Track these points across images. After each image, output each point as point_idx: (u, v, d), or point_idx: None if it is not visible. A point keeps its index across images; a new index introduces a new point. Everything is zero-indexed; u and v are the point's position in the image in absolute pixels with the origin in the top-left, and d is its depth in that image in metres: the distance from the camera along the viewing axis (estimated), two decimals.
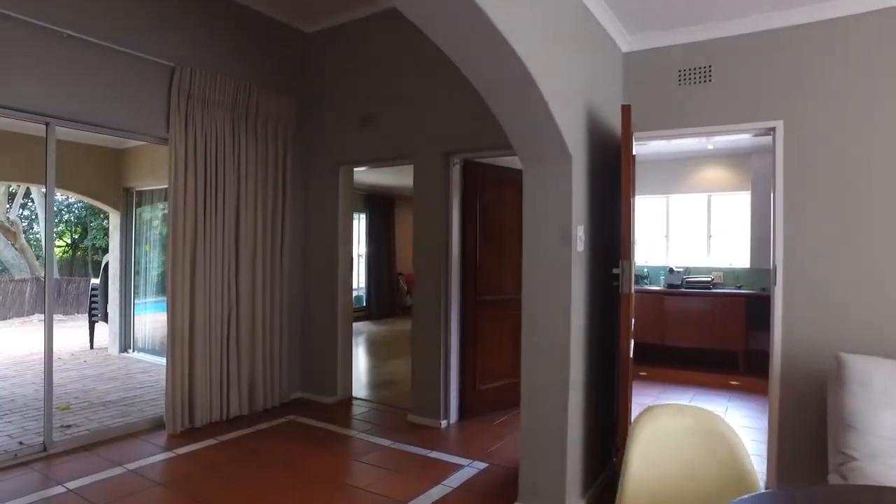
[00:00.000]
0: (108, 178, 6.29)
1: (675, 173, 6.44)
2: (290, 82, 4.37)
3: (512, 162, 4.52)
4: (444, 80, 3.76)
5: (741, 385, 5.10)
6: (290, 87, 4.36)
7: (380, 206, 10.09)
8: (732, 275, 6.09)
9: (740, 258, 6.18)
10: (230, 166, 3.83)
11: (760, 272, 5.97)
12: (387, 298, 10.25)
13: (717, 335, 5.66)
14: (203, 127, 3.65)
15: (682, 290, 5.90)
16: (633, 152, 2.67)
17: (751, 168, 6.05)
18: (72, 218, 16.25)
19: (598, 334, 2.80)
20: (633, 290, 2.50)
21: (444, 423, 3.80)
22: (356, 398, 4.49)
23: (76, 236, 16.55)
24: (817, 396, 2.62)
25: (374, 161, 4.18)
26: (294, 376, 4.42)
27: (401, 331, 8.62)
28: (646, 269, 6.47)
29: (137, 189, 6.37)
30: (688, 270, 6.19)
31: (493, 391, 4.15)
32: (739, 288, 5.91)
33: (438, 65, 3.78)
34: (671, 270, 6.14)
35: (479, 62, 2.07)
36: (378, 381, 5.10)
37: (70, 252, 16.65)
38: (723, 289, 5.90)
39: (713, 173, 6.32)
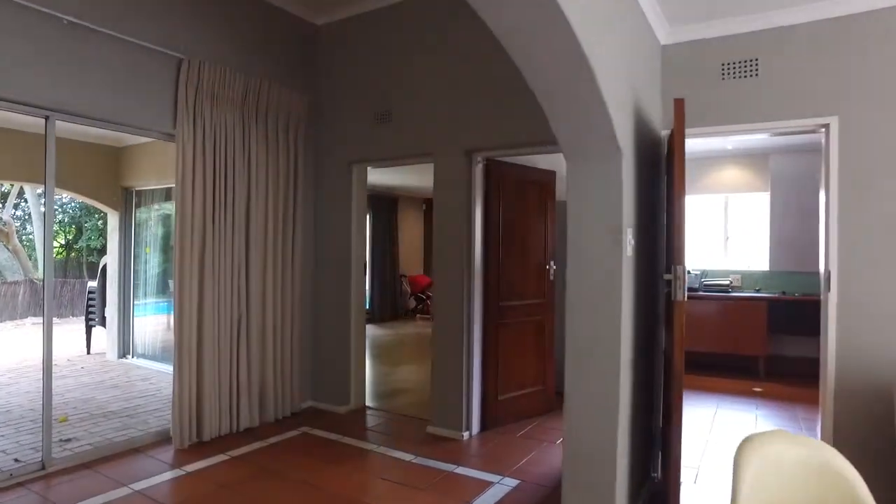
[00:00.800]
0: (106, 177, 6.06)
1: (690, 173, 6.28)
2: (301, 77, 4.18)
3: (533, 161, 4.35)
4: (466, 74, 3.58)
5: (765, 392, 4.94)
6: (301, 82, 4.16)
7: (382, 206, 9.89)
8: (751, 277, 5.94)
9: (758, 260, 6.03)
10: (240, 165, 3.62)
11: (780, 275, 5.82)
12: (390, 301, 10.05)
13: (737, 340, 5.51)
14: (212, 123, 3.45)
15: (700, 293, 5.74)
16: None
17: (769, 168, 5.91)
18: (66, 218, 15.92)
19: (641, 344, 2.63)
20: (685, 298, 2.33)
21: (466, 434, 3.61)
22: (369, 407, 4.29)
23: (70, 237, 16.23)
24: (881, 410, 2.46)
25: (390, 159, 3.99)
26: (305, 385, 4.21)
27: (406, 334, 8.42)
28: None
29: (137, 189, 6.14)
30: (704, 273, 6.04)
31: (515, 400, 3.97)
32: (758, 291, 5.76)
33: (460, 58, 3.60)
34: (687, 273, 5.97)
35: (542, 58, 1.91)
36: (390, 389, 4.91)
37: (64, 253, 16.32)
38: (741, 292, 5.75)
39: (730, 174, 6.17)
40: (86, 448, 3.23)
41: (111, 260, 6.24)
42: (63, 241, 16.32)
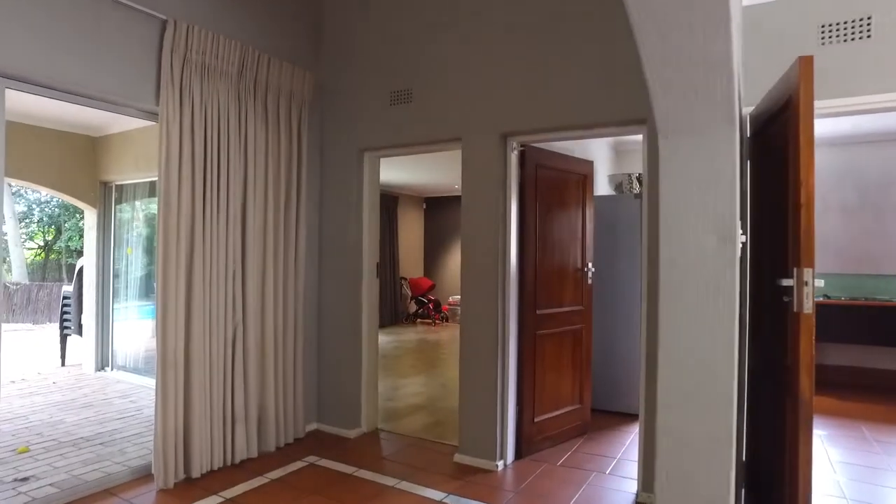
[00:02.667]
0: (82, 170, 5.47)
1: None
2: (306, 50, 3.65)
3: (568, 149, 3.86)
4: (504, 45, 3.08)
5: (815, 406, 4.49)
6: (306, 57, 3.63)
7: (381, 205, 9.35)
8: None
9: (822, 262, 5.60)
10: (235, 152, 3.09)
11: (856, 278, 5.40)
12: (390, 305, 9.51)
13: None
14: (202, 100, 2.91)
15: None
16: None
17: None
18: (44, 217, 15.15)
19: (747, 365, 2.14)
20: (813, 308, 1.84)
21: (500, 464, 3.10)
22: (382, 430, 3.77)
23: (49, 237, 15.45)
24: None
25: (408, 146, 3.47)
26: (310, 405, 3.68)
27: (408, 341, 7.90)
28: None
29: (117, 183, 5.56)
30: None
31: (552, 422, 3.47)
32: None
33: (498, 27, 3.10)
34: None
35: (677, 12, 1.43)
36: (402, 406, 4.38)
37: (42, 255, 15.53)
38: None
39: None
40: (47, 490, 2.67)
41: (88, 262, 5.65)
42: (42, 242, 15.54)
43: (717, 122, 1.72)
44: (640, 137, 2.94)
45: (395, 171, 7.84)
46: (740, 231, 1.82)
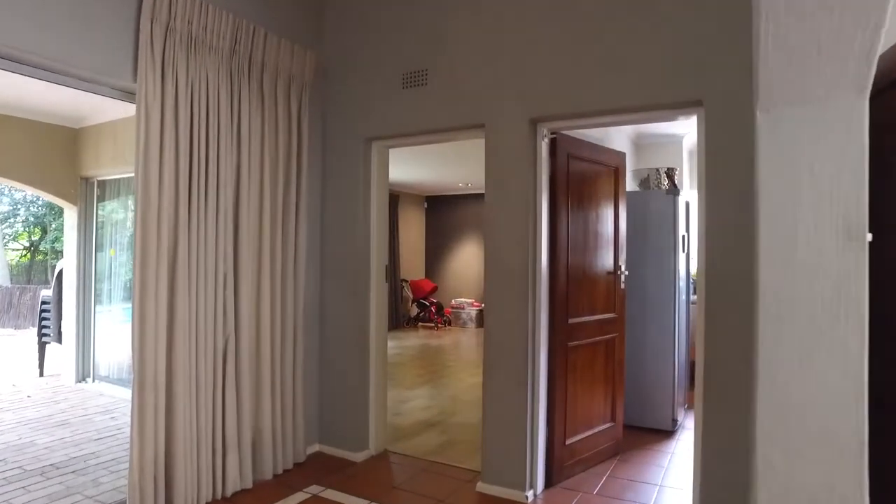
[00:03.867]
0: (61, 164, 5.05)
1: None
2: (308, 27, 3.26)
3: (597, 137, 3.49)
4: (530, 18, 2.71)
5: None
6: (307, 34, 3.24)
7: None
8: None
9: None
10: (226, 138, 2.69)
11: None
12: (390, 308, 9.11)
13: None
14: (188, 78, 2.51)
15: None
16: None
17: None
18: (30, 217, 14.63)
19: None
20: None
21: (529, 494, 2.72)
22: (392, 452, 3.38)
23: (35, 238, 14.93)
24: None
25: (422, 134, 3.09)
26: (311, 425, 3.28)
27: (411, 346, 7.51)
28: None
29: (100, 178, 5.14)
30: None
31: (583, 444, 3.09)
32: None
33: None
34: None
35: None
36: (412, 422, 3.99)
37: (28, 256, 15.01)
38: None
39: None
40: None
41: (68, 264, 5.22)
42: (28, 243, 15.02)
43: (843, 86, 1.35)
44: (663, 129, 2.58)
45: (396, 169, 7.44)
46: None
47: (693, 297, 4.93)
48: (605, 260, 3.26)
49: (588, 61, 2.56)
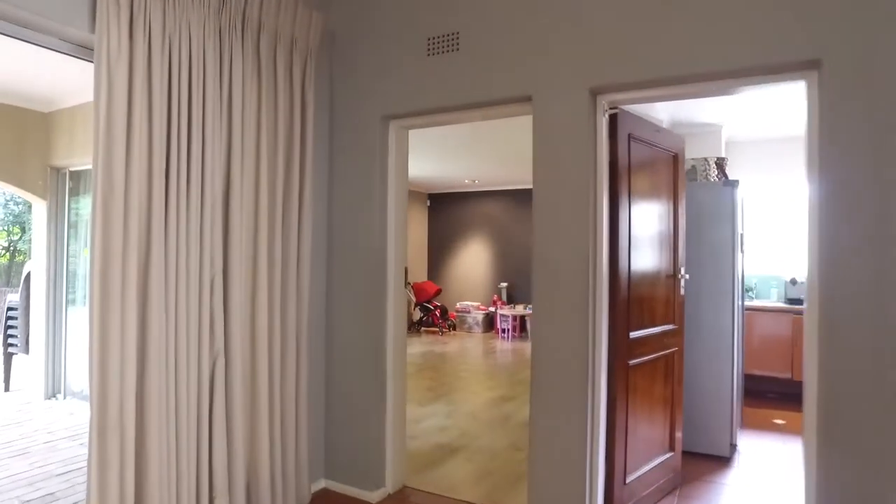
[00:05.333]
0: (27, 153, 4.47)
1: (783, 153, 5.04)
2: None
3: (655, 113, 3.00)
4: None
5: None
6: None
7: None
8: None
9: None
10: (214, 111, 2.16)
11: None
12: None
13: None
14: (165, 33, 1.98)
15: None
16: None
17: None
18: (9, 216, 13.91)
19: None
20: None
21: None
22: (412, 488, 2.86)
23: (15, 237, 14.20)
24: None
25: (452, 110, 2.57)
26: (317, 458, 2.76)
27: (416, 354, 6.99)
28: (755, 281, 5.05)
29: (72, 169, 4.57)
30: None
31: (644, 480, 2.60)
32: None
33: None
34: (793, 282, 4.73)
35: None
36: (431, 449, 3.48)
37: (7, 257, 14.27)
38: None
39: None
40: None
41: (37, 266, 4.65)
42: (6, 243, 14.28)
43: None
44: (701, 117, 2.11)
45: None
46: None
47: (750, 302, 4.48)
48: (665, 261, 2.77)
49: (665, 13, 2.06)
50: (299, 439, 2.54)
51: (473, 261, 9.36)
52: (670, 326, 2.80)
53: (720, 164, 3.68)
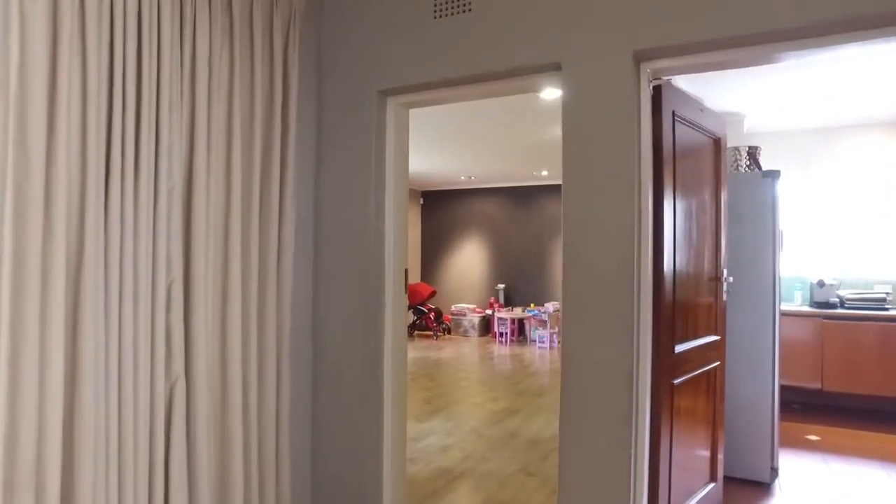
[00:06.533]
0: None
1: (809, 146, 4.72)
2: None
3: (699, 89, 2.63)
4: None
5: None
6: None
7: None
8: None
9: None
10: (172, 79, 1.74)
11: None
12: None
13: None
14: None
15: (842, 310, 4.16)
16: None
17: None
18: None
19: None
20: None
21: None
22: None
23: None
24: None
25: (462, 84, 2.17)
26: (301, 494, 2.33)
27: (411, 361, 6.57)
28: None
29: None
30: (839, 283, 4.48)
31: None
32: None
33: None
34: (820, 284, 4.39)
35: None
36: (433, 474, 3.07)
37: None
38: None
39: (869, 142, 4.62)
40: None
41: None
42: None
43: None
44: (722, 105, 1.71)
45: None
46: None
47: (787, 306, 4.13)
48: (707, 263, 2.40)
49: None
50: (280, 477, 2.12)
51: (469, 261, 8.97)
52: (713, 338, 2.43)
53: (752, 153, 3.33)
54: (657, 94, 1.99)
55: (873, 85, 3.57)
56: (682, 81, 3.48)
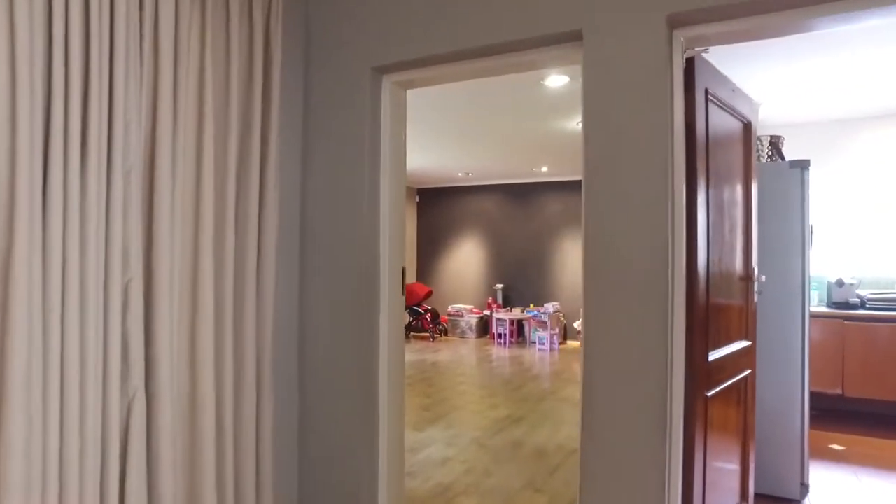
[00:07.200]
0: None
1: (828, 138, 4.51)
2: None
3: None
4: None
5: None
6: None
7: None
8: None
9: None
10: (129, 44, 1.48)
11: None
12: None
13: None
14: None
15: (863, 311, 3.95)
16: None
17: None
18: None
19: None
20: None
21: None
22: None
23: None
24: None
25: (467, 57, 1.92)
26: None
27: (406, 363, 6.31)
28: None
29: None
30: (859, 282, 4.26)
31: None
32: None
33: None
34: (839, 283, 4.18)
35: None
36: (434, 491, 2.82)
37: None
38: None
39: (889, 135, 4.42)
40: None
41: None
42: None
43: None
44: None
45: None
46: None
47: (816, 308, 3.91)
48: (738, 261, 2.16)
49: None
50: (262, 499, 1.86)
51: (466, 261, 8.73)
52: (745, 343, 2.19)
53: (775, 142, 3.10)
54: (689, 68, 1.75)
55: (894, 74, 3.35)
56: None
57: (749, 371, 2.24)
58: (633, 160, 1.62)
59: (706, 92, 1.84)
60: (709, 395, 1.87)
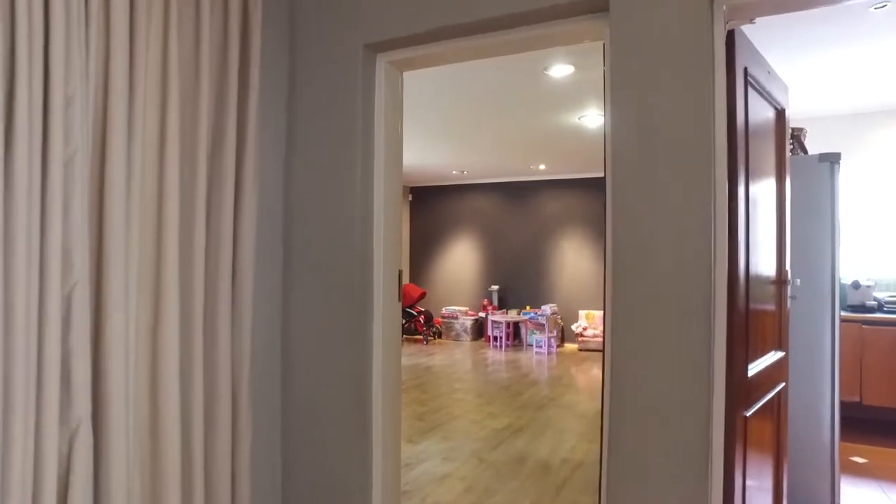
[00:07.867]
0: None
1: (847, 133, 4.34)
2: None
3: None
4: None
5: None
6: None
7: None
8: None
9: None
10: (72, 12, 1.23)
11: None
12: None
13: None
14: None
15: (882, 315, 3.77)
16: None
17: None
18: None
19: None
20: None
21: None
22: None
23: None
24: None
25: (472, 32, 1.69)
26: None
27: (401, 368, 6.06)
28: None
29: None
30: (874, 284, 4.09)
31: None
32: None
33: None
34: (856, 285, 4.00)
35: None
36: None
37: None
38: None
39: None
40: None
41: None
42: None
43: None
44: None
45: None
46: None
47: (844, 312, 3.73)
48: (772, 262, 1.95)
49: None
50: None
51: (461, 261, 8.50)
52: (779, 354, 1.98)
53: (797, 135, 2.90)
54: (729, 42, 1.53)
55: None
56: None
57: (783, 384, 2.03)
58: (669, 152, 1.40)
59: (745, 72, 1.63)
60: (747, 414, 1.65)
